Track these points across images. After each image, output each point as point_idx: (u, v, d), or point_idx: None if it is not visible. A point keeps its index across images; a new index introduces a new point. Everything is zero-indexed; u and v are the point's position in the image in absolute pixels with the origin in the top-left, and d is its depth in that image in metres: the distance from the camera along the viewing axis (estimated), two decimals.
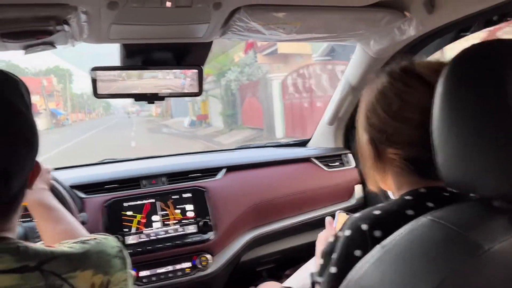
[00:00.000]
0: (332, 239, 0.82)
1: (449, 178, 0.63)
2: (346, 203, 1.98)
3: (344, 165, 2.04)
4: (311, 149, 2.15)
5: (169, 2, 0.94)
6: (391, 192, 0.88)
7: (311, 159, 1.99)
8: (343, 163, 2.05)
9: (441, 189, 0.77)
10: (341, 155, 2.06)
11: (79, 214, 1.39)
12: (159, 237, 1.53)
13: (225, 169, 1.78)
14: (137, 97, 1.35)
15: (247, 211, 1.71)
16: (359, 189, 2.01)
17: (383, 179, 0.86)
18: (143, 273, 1.49)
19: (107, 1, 0.89)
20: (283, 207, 1.82)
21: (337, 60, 11.54)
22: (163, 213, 1.57)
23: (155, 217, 1.55)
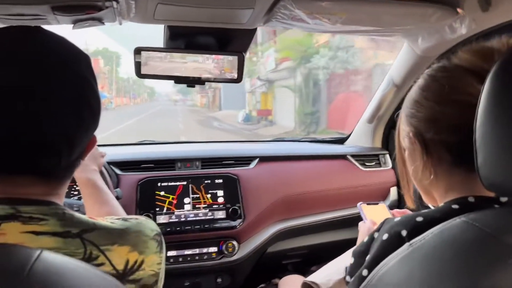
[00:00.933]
0: (366, 239, 0.79)
1: (489, 180, 0.60)
2: None
3: (380, 166, 1.99)
4: (348, 147, 2.11)
5: None
6: (434, 204, 0.83)
7: (347, 156, 1.95)
8: (380, 163, 2.00)
9: (492, 200, 0.71)
10: (378, 155, 2.01)
11: (114, 189, 1.44)
12: (188, 219, 1.56)
13: (258, 158, 1.78)
14: (179, 79, 1.37)
15: (276, 203, 1.70)
16: (394, 191, 1.95)
17: (429, 185, 0.81)
18: (170, 253, 1.53)
19: None
20: (314, 202, 1.80)
21: None
22: (194, 196, 1.59)
23: (186, 199, 1.58)
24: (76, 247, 0.59)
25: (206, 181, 1.62)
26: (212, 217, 1.58)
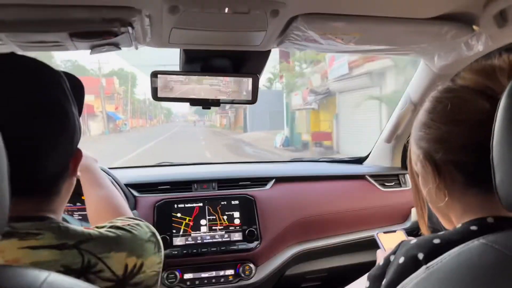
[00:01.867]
0: (382, 263, 0.77)
1: (508, 199, 0.58)
2: (401, 226, 1.88)
3: (401, 186, 1.95)
4: (367, 167, 2.08)
5: (227, 7, 0.96)
6: (452, 227, 0.80)
7: (366, 176, 1.92)
8: (400, 183, 1.96)
9: None
10: (398, 175, 1.97)
11: (132, 211, 1.44)
12: (205, 241, 1.55)
13: (274, 179, 1.77)
14: (195, 101, 1.39)
15: (294, 224, 1.68)
16: (415, 212, 1.90)
17: (445, 208, 0.79)
18: (187, 276, 1.51)
19: (168, 5, 0.93)
20: (333, 223, 1.77)
21: None
22: (210, 217, 1.58)
23: (203, 221, 1.58)
24: (73, 257, 0.62)
25: (222, 202, 1.62)
26: (228, 239, 1.57)
